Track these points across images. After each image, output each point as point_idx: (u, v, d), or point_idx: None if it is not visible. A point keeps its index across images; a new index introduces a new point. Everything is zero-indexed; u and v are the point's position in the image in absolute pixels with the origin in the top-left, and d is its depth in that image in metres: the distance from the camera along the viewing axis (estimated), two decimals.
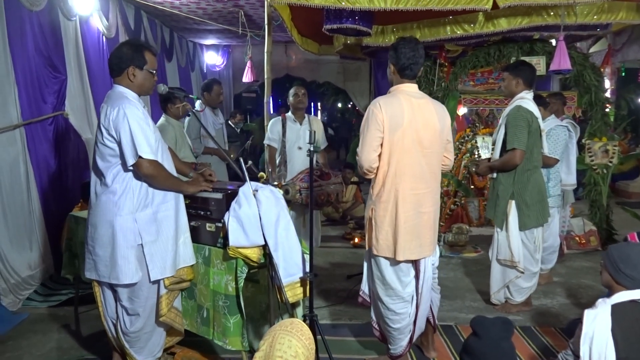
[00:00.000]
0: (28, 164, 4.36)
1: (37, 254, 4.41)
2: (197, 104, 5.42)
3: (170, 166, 2.78)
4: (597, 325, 2.20)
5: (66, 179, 4.83)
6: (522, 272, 3.82)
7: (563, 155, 4.56)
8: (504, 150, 3.76)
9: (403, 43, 2.83)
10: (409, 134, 2.76)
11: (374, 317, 3.14)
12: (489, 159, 4.02)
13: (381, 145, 2.78)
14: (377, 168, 2.83)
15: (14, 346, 3.43)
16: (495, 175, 3.88)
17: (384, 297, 2.93)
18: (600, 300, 2.32)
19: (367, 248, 2.99)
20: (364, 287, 3.11)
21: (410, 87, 2.87)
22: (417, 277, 2.91)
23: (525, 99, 3.77)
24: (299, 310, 2.98)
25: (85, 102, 5.25)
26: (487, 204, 4.07)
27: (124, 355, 2.88)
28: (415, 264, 2.90)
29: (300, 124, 4.57)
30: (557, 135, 4.43)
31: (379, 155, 2.80)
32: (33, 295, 4.19)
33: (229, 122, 8.83)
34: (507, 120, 3.74)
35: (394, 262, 2.86)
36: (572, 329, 2.36)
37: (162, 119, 4.33)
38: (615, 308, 2.23)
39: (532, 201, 3.73)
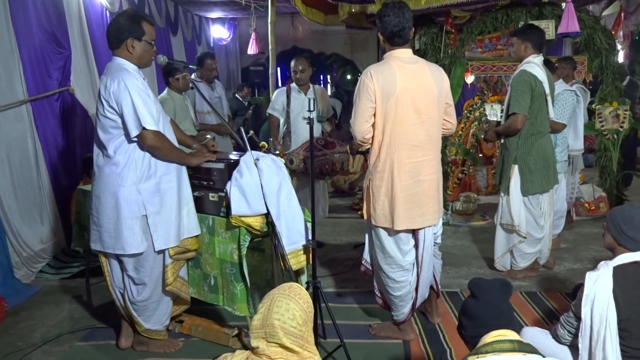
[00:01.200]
0: (36, 140, 4.41)
1: (48, 228, 4.49)
2: (192, 76, 5.37)
3: (172, 138, 2.79)
4: (598, 287, 2.19)
5: (74, 154, 4.87)
6: (524, 237, 3.82)
7: (570, 120, 4.51)
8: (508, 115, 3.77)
9: (386, 10, 2.74)
10: (402, 101, 2.69)
11: (376, 285, 3.16)
12: (498, 123, 4.01)
13: (374, 115, 2.74)
14: (372, 138, 2.80)
15: (27, 316, 3.52)
16: (502, 140, 3.88)
17: (384, 265, 2.93)
18: (602, 262, 2.31)
19: (365, 218, 2.99)
20: (366, 256, 3.12)
21: (403, 53, 2.79)
22: (416, 246, 2.90)
23: (532, 63, 3.72)
24: (303, 278, 3.02)
25: (90, 77, 5.25)
26: (496, 169, 4.08)
27: (132, 323, 2.95)
28: (414, 233, 2.87)
29: (305, 94, 4.54)
30: (565, 100, 4.37)
31: (374, 125, 2.76)
32: (45, 268, 4.28)
33: (237, 95, 8.80)
34: (511, 84, 3.74)
35: (393, 231, 2.84)
36: (576, 293, 2.36)
37: (164, 92, 4.34)
38: (617, 270, 2.21)
39: (535, 167, 3.72)
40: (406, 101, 2.70)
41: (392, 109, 2.70)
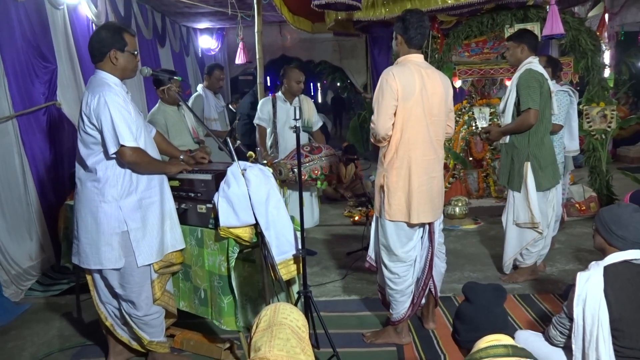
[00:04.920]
0: (23, 156, 4.36)
1: (36, 244, 4.43)
2: (199, 87, 5.41)
3: (154, 151, 2.78)
4: (589, 286, 2.19)
5: (62, 169, 4.83)
6: (541, 233, 3.83)
7: (565, 121, 4.49)
8: (518, 114, 3.76)
9: (411, 14, 2.91)
10: (420, 103, 2.84)
11: (378, 282, 3.25)
12: (498, 125, 4.01)
13: (395, 113, 2.84)
14: (390, 136, 2.90)
15: (16, 335, 3.47)
16: (507, 139, 3.87)
17: (387, 261, 3.03)
18: (593, 262, 2.31)
19: (375, 214, 3.08)
20: (371, 253, 3.21)
21: (418, 57, 2.95)
22: (431, 239, 3.03)
23: (533, 63, 3.78)
24: (295, 288, 3.00)
25: (77, 91, 5.22)
26: (501, 171, 4.08)
27: (119, 340, 2.92)
28: (430, 226, 3.01)
29: (290, 103, 4.52)
30: (560, 101, 4.33)
31: (393, 124, 2.86)
32: (35, 286, 4.22)
33: (230, 106, 8.77)
34: (518, 83, 3.73)
35: (400, 228, 2.95)
36: (568, 294, 2.36)
37: (155, 106, 4.28)
38: (608, 269, 2.21)
39: (545, 163, 3.76)
40: (423, 102, 2.85)
41: (411, 108, 2.83)
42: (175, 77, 3.38)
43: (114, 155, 2.57)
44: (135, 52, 2.71)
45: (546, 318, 3.32)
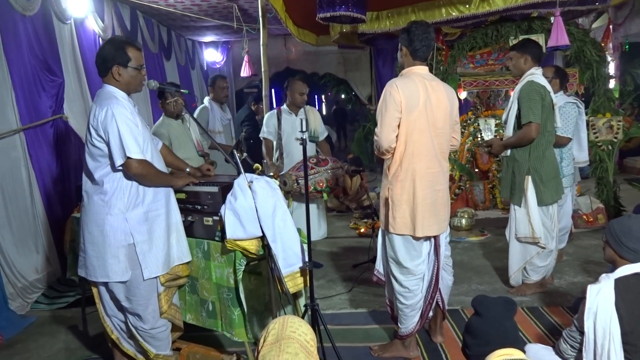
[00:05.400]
0: (30, 169, 4.38)
1: (42, 257, 4.44)
2: (206, 100, 5.44)
3: (160, 164, 2.78)
4: (600, 299, 2.17)
5: (68, 182, 4.85)
6: (544, 248, 3.78)
7: (574, 133, 4.41)
8: (518, 126, 3.72)
9: (415, 25, 2.89)
10: (424, 115, 2.82)
11: (387, 295, 3.22)
12: (501, 138, 3.98)
13: (398, 125, 2.82)
14: (394, 148, 2.88)
15: (22, 349, 3.46)
16: (508, 152, 3.83)
17: (397, 275, 2.99)
18: (603, 275, 2.28)
19: (381, 228, 3.06)
20: (379, 266, 3.18)
21: (423, 69, 2.94)
22: (436, 252, 3.00)
23: (536, 75, 3.72)
24: (301, 301, 2.98)
25: (84, 104, 5.25)
26: (502, 183, 4.03)
27: (124, 352, 2.91)
28: (435, 239, 2.98)
29: (296, 115, 4.53)
30: (568, 112, 4.27)
31: (397, 136, 2.84)
32: (41, 298, 4.22)
33: (251, 107, 8.69)
34: (520, 95, 3.69)
35: (407, 241, 2.93)
36: (578, 307, 2.33)
37: (159, 120, 4.31)
38: (619, 282, 2.19)
39: (547, 177, 3.70)
40: (427, 114, 2.83)
41: (415, 121, 2.81)
42: (182, 90, 3.39)
43: (121, 168, 2.57)
44: (140, 67, 2.71)
45: (555, 331, 3.28)
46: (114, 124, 2.51)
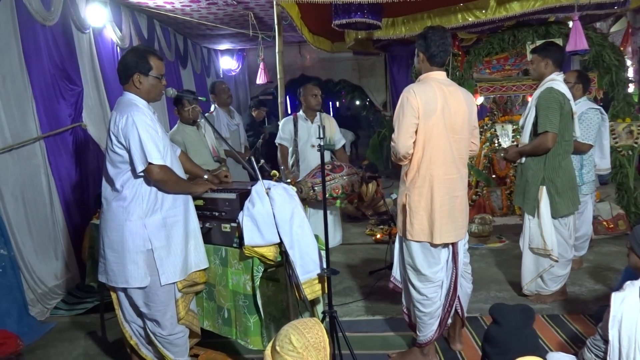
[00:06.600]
0: (49, 176, 4.44)
1: (62, 263, 4.48)
2: (212, 107, 5.47)
3: (180, 170, 2.80)
4: (625, 307, 2.13)
5: (87, 189, 4.90)
6: (557, 261, 3.68)
7: (596, 139, 4.32)
8: (534, 134, 3.63)
9: (432, 31, 2.87)
10: (442, 120, 2.79)
11: (404, 303, 3.18)
12: (516, 145, 3.91)
13: (416, 131, 2.80)
14: (412, 154, 2.85)
15: (42, 354, 3.49)
16: (523, 160, 3.74)
17: (415, 282, 2.96)
18: (628, 282, 2.24)
19: (399, 234, 3.04)
20: (395, 273, 3.16)
21: (440, 75, 2.90)
22: (454, 260, 2.96)
23: (556, 81, 3.62)
24: (319, 307, 2.96)
25: (102, 113, 5.32)
26: (516, 190, 3.95)
27: (143, 358, 2.93)
28: (453, 246, 2.95)
29: (312, 122, 4.54)
30: (590, 119, 4.16)
31: (414, 142, 2.82)
32: (60, 305, 4.25)
33: (252, 113, 8.65)
34: (538, 102, 3.59)
35: (425, 248, 2.90)
36: (600, 315, 2.28)
37: (175, 126, 4.36)
38: None
39: (563, 188, 3.59)
40: (445, 120, 2.80)
41: (433, 126, 2.79)
42: (199, 98, 3.42)
43: (142, 174, 2.59)
44: (161, 76, 2.74)
45: (577, 339, 3.23)
46: (134, 131, 2.54)
